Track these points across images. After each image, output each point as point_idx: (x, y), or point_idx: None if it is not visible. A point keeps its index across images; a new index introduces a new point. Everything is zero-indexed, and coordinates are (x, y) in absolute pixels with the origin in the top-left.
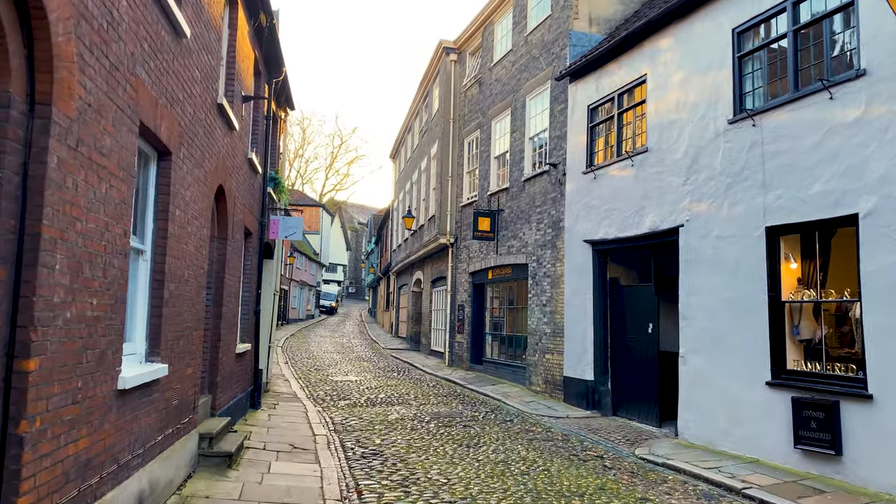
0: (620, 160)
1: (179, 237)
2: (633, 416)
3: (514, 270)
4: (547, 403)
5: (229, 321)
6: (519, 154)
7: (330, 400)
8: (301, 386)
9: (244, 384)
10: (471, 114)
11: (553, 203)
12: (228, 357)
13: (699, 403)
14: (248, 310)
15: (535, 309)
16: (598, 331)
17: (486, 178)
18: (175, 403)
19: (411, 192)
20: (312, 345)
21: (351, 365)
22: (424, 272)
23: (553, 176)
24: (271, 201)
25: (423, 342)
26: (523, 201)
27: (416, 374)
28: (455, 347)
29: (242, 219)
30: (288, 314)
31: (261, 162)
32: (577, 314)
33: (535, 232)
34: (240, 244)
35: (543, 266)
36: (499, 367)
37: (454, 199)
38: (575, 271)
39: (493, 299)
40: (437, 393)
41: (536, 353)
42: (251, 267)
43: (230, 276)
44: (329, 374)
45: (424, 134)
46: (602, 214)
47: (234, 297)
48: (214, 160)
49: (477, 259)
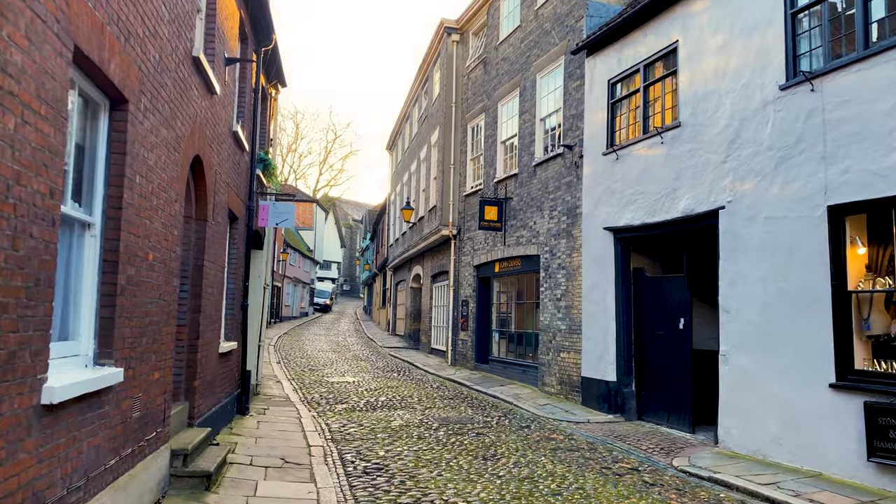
0: (647, 138)
1: (141, 210)
2: (662, 421)
3: (523, 263)
4: (563, 406)
5: (211, 316)
6: (529, 137)
7: (326, 404)
8: (294, 388)
9: (229, 387)
10: (475, 97)
11: (568, 188)
12: (210, 357)
13: (745, 408)
14: (234, 304)
15: (549, 304)
16: (620, 327)
17: (492, 165)
18: (136, 416)
19: (409, 183)
20: (307, 343)
21: (348, 365)
22: (424, 267)
23: (568, 159)
24: (260, 185)
25: (422, 340)
26: (534, 188)
27: (417, 374)
28: (458, 346)
29: (226, 200)
30: (281, 312)
31: (248, 138)
32: (597, 309)
33: (547, 220)
34: (223, 229)
35: (557, 257)
36: (507, 367)
37: (457, 188)
38: (594, 262)
39: (500, 294)
40: (443, 395)
41: (550, 351)
42: (237, 256)
43: (211, 264)
44: (324, 375)
45: (424, 121)
46: (626, 199)
47: (217, 289)
48: (189, 124)
49: (482, 251)
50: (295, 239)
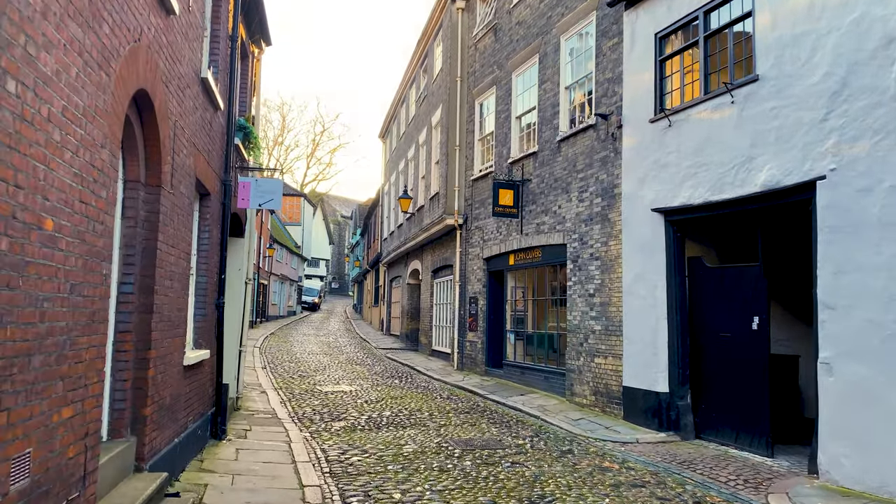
0: (711, 98)
1: (19, 139)
2: (728, 441)
3: (545, 253)
4: (602, 422)
5: (170, 318)
6: (551, 109)
7: (320, 421)
8: (282, 400)
9: (200, 407)
10: (483, 69)
11: (603, 165)
12: (169, 373)
13: (861, 431)
14: (206, 303)
15: (578, 300)
16: (673, 327)
17: (506, 144)
18: (19, 488)
19: (406, 171)
20: (295, 345)
21: (342, 370)
22: (424, 261)
23: (602, 131)
24: (240, 158)
25: (422, 341)
26: (558, 167)
27: (420, 380)
28: (466, 348)
29: (193, 166)
30: (267, 311)
31: (224, 95)
32: (643, 306)
33: (576, 204)
34: (188, 203)
35: (589, 246)
36: (525, 373)
37: (463, 172)
38: (638, 250)
39: (516, 290)
40: (456, 408)
41: (581, 356)
42: (210, 242)
43: (170, 248)
44: (316, 383)
45: (423, 101)
46: (683, 173)
47: (181, 283)
48: (129, 38)
49: (494, 242)
50: (282, 234)
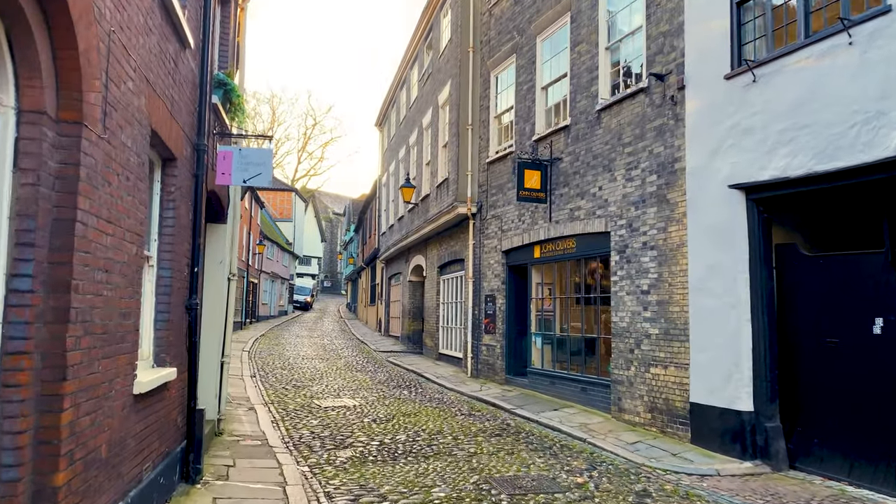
0: (817, 41)
1: None
2: (840, 475)
3: (581, 243)
4: (665, 446)
5: (105, 328)
6: (588, 75)
7: (321, 448)
8: (273, 419)
9: (163, 445)
10: (500, 36)
11: (658, 135)
12: (107, 409)
13: None
14: (172, 304)
15: (627, 298)
16: (760, 331)
17: (529, 119)
18: None
19: (407, 158)
20: (288, 348)
21: (341, 378)
22: (429, 256)
23: (657, 94)
24: (219, 124)
25: (427, 344)
26: (598, 141)
27: (431, 390)
28: (482, 352)
29: (145, 110)
30: (258, 311)
31: (195, 32)
32: (717, 305)
33: (622, 183)
34: (136, 162)
35: (641, 233)
36: (555, 382)
37: (476, 154)
38: (710, 236)
39: (543, 286)
40: (483, 428)
41: (631, 364)
42: (178, 224)
43: (101, 222)
44: (314, 395)
45: (427, 80)
46: (774, 139)
47: (124, 276)
48: None
49: (515, 232)
50: (272, 230)
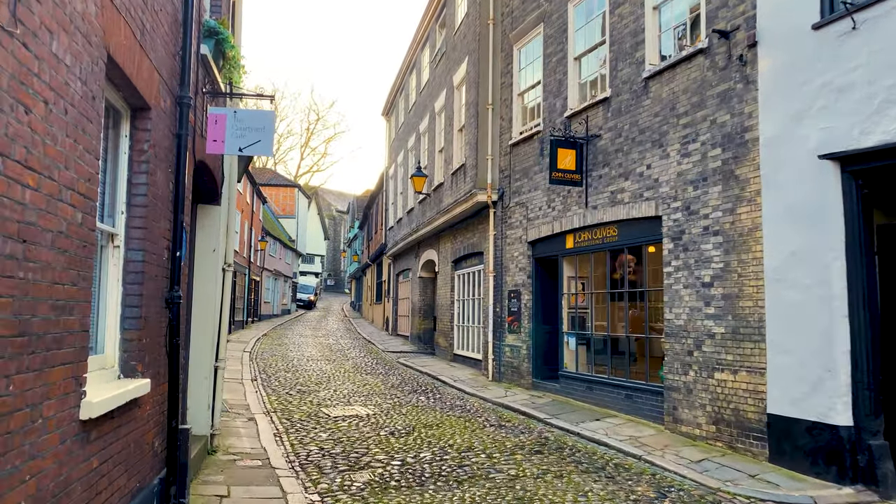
0: None
1: None
2: None
3: (623, 230)
4: (736, 465)
5: (25, 326)
6: (631, 39)
7: (333, 470)
8: (277, 432)
9: (133, 481)
10: (525, 5)
11: (723, 102)
12: (36, 445)
13: None
14: (146, 296)
15: (684, 292)
16: (860, 329)
17: (560, 94)
18: None
19: (417, 147)
20: (291, 348)
21: (350, 381)
22: (441, 250)
23: (721, 55)
24: (209, 80)
25: (440, 344)
26: (646, 113)
27: (450, 395)
28: (504, 354)
29: (95, 21)
30: (260, 309)
31: None
32: (805, 299)
33: (677, 160)
34: (77, 89)
35: (702, 216)
36: (593, 388)
37: (497, 137)
38: (791, 217)
39: (575, 280)
40: (519, 443)
41: (690, 369)
42: (154, 194)
43: (20, 168)
44: (321, 403)
45: (440, 60)
46: (882, 97)
47: (60, 252)
48: None
49: (544, 220)
50: (275, 226)
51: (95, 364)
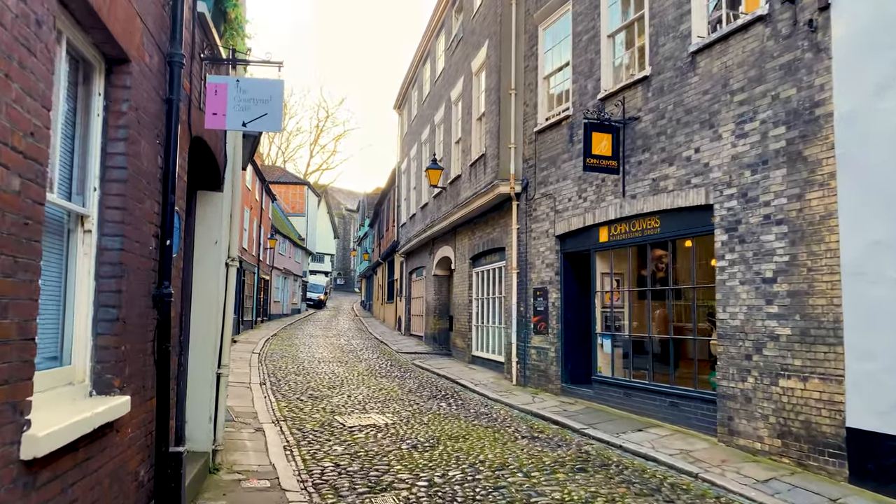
0: None
1: None
2: None
3: (667, 221)
4: (814, 487)
5: None
6: (674, 11)
7: (351, 492)
8: (287, 445)
9: None
10: None
11: (788, 75)
12: None
13: None
14: (127, 293)
15: (741, 289)
16: None
17: (591, 75)
18: None
19: (432, 139)
20: (301, 349)
21: (364, 386)
22: (458, 246)
23: (784, 22)
24: (208, 44)
25: (456, 344)
26: (693, 92)
27: (473, 402)
28: (530, 356)
29: None
30: (269, 309)
31: None
32: (890, 295)
33: (731, 142)
34: (9, 4)
35: (762, 204)
36: (632, 394)
37: (520, 124)
38: (874, 203)
39: (609, 277)
40: (559, 459)
41: (749, 375)
42: (134, 166)
43: None
44: (335, 410)
45: (457, 47)
46: None
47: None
48: None
49: (574, 212)
50: (284, 224)
51: (57, 379)
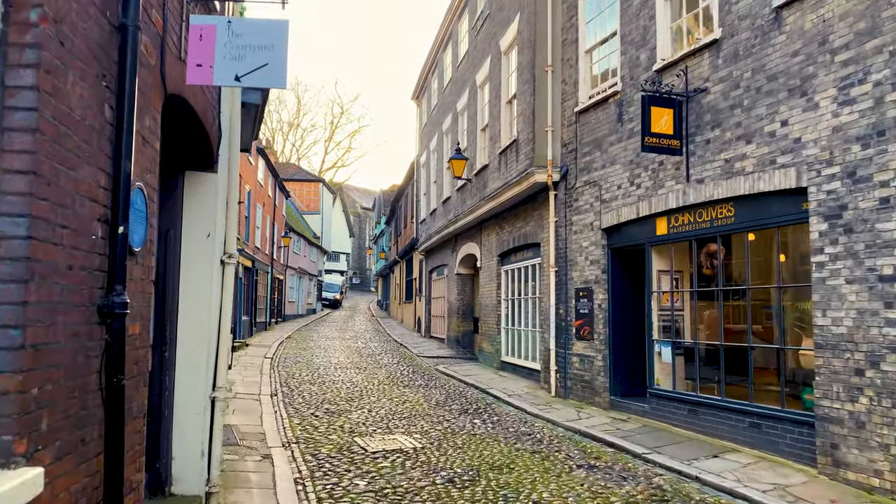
0: None
1: None
2: None
3: (743, 209)
4: None
5: None
6: None
7: None
8: (299, 478)
9: None
10: None
11: None
12: None
13: None
14: (45, 301)
15: (846, 289)
16: None
17: (644, 45)
18: None
19: (454, 128)
20: (317, 353)
21: (386, 397)
22: (484, 242)
23: None
24: None
25: (483, 348)
26: (778, 54)
27: (510, 417)
28: (572, 364)
29: None
30: (284, 309)
31: None
32: None
33: (832, 110)
34: None
35: (876, 185)
36: (699, 412)
37: (558, 104)
38: None
39: (671, 276)
40: (628, 497)
41: (861, 394)
42: (61, 113)
43: None
44: (354, 429)
45: (483, 26)
46: None
47: None
48: None
49: (624, 201)
50: (299, 222)
51: None
